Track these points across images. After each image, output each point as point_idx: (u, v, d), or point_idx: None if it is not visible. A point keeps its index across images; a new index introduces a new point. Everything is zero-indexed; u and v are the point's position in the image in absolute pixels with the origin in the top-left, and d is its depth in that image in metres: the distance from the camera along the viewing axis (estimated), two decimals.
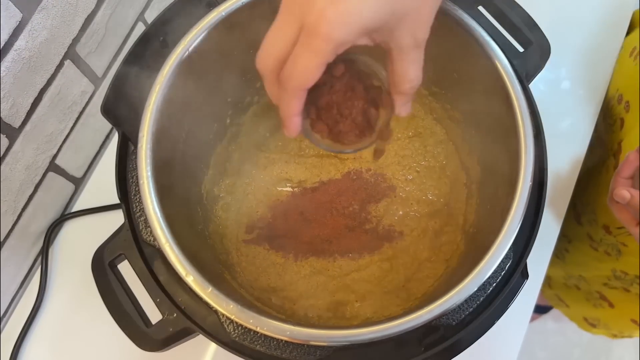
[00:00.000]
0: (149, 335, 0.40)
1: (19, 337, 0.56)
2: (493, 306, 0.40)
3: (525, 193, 0.40)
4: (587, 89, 0.68)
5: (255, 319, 0.38)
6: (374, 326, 0.37)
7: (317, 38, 0.29)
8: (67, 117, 0.57)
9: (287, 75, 0.32)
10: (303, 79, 0.31)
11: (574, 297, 0.89)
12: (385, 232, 0.56)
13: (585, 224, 0.70)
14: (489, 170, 0.50)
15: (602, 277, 0.73)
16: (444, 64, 0.51)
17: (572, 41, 0.70)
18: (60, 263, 0.60)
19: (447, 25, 0.45)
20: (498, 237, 0.39)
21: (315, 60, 0.30)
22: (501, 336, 0.56)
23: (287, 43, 0.31)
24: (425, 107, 0.59)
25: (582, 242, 0.72)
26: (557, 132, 0.65)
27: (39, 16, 0.47)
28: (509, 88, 0.42)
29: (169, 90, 0.43)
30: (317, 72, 0.31)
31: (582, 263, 0.75)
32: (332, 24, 0.29)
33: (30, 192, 0.55)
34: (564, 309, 0.99)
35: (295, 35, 0.31)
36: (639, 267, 0.63)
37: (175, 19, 0.47)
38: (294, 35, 0.31)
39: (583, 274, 0.78)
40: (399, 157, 0.59)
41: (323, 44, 0.30)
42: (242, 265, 0.54)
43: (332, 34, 0.29)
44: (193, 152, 0.51)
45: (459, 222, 0.54)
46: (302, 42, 0.30)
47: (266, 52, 0.33)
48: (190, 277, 0.38)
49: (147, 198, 0.40)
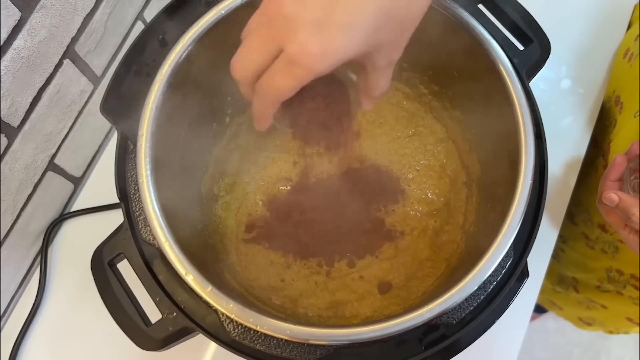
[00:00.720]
0: (149, 335, 0.40)
1: (18, 336, 0.56)
2: (493, 305, 0.40)
3: (525, 192, 0.40)
4: (587, 87, 0.67)
5: (255, 318, 0.37)
6: (374, 325, 0.37)
7: (298, 67, 0.30)
8: (66, 117, 0.57)
9: (264, 89, 0.32)
10: (279, 95, 0.31)
11: (566, 301, 0.89)
12: (386, 231, 0.56)
13: (580, 223, 0.70)
14: (489, 169, 0.50)
15: (595, 280, 0.73)
16: (444, 62, 0.51)
17: (572, 39, 0.70)
18: (60, 262, 0.60)
19: (447, 24, 0.45)
20: (498, 236, 0.39)
21: (293, 83, 0.30)
22: (501, 335, 0.56)
23: (264, 61, 0.31)
24: (425, 106, 0.58)
25: (578, 241, 0.72)
26: (557, 131, 0.65)
27: (38, 15, 0.47)
28: (509, 86, 0.42)
29: (168, 89, 0.43)
30: (293, 91, 0.31)
31: (578, 263, 0.75)
32: (314, 58, 0.29)
33: (29, 191, 0.55)
34: (557, 311, 0.99)
35: (273, 55, 0.31)
36: (636, 265, 0.63)
37: (174, 17, 0.47)
38: (272, 55, 0.31)
39: (577, 275, 0.78)
40: (399, 156, 0.59)
41: (303, 73, 0.30)
42: (242, 265, 0.54)
43: (313, 66, 0.29)
44: (192, 151, 0.51)
45: (459, 221, 0.54)
46: (281, 65, 0.30)
47: (242, 65, 0.32)
48: (190, 276, 0.38)
49: (147, 197, 0.39)
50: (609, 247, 0.66)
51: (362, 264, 0.55)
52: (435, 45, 0.49)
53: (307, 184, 0.58)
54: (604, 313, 0.80)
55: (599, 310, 0.80)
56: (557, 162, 0.63)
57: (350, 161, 0.59)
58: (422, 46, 0.51)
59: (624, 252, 0.64)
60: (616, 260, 0.66)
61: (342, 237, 0.56)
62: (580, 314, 0.90)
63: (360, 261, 0.55)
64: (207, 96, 0.50)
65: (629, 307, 0.71)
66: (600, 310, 0.80)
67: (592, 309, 0.81)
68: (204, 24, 0.44)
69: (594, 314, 0.84)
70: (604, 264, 0.69)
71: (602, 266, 0.70)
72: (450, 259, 0.52)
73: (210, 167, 0.55)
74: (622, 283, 0.68)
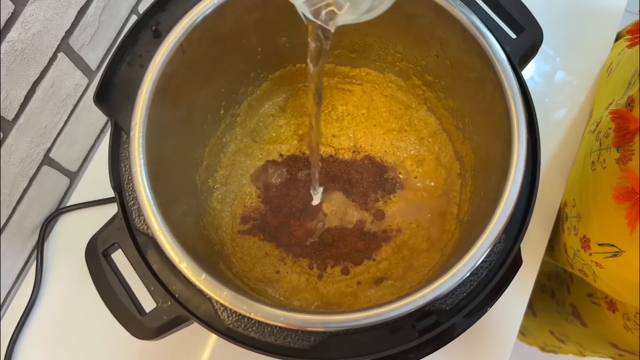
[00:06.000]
0: (143, 324, 0.40)
1: (15, 330, 0.56)
2: (486, 291, 0.40)
3: (518, 178, 0.40)
4: (581, 78, 0.68)
5: (248, 305, 0.37)
6: (368, 311, 0.37)
7: None
8: (61, 110, 0.57)
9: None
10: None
11: (545, 305, 0.81)
12: (381, 232, 0.56)
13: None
14: (482, 158, 0.50)
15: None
16: (437, 52, 0.51)
17: (567, 31, 0.70)
18: (56, 257, 0.60)
19: (439, 12, 0.45)
20: (490, 222, 0.39)
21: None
22: (497, 324, 0.56)
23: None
24: (419, 98, 0.59)
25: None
26: (553, 122, 0.65)
27: (32, 8, 0.47)
28: (500, 74, 0.42)
29: (162, 79, 0.43)
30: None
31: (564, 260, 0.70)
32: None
33: (24, 185, 0.55)
34: (521, 338, 0.94)
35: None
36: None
37: (167, 8, 0.47)
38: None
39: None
40: (394, 148, 0.59)
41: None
42: (237, 256, 0.54)
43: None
44: (187, 142, 0.51)
45: (453, 211, 0.54)
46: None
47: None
48: (184, 264, 0.38)
49: (140, 185, 0.40)
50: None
51: (358, 272, 0.54)
52: (428, 34, 0.49)
53: (302, 176, 0.58)
54: (582, 332, 0.71)
55: (576, 327, 0.72)
56: (552, 153, 0.64)
57: (346, 153, 0.59)
58: (415, 36, 0.51)
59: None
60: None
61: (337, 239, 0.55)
62: (554, 327, 0.81)
63: (356, 270, 0.54)
64: (201, 88, 0.50)
65: (618, 332, 0.61)
66: (578, 328, 0.71)
67: (570, 323, 0.73)
68: (197, 14, 0.44)
69: (568, 331, 0.76)
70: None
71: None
72: (444, 249, 0.52)
73: (205, 159, 0.55)
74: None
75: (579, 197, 0.55)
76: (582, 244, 0.53)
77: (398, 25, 0.51)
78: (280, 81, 0.59)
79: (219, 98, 0.54)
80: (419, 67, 0.55)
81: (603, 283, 0.54)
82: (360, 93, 0.61)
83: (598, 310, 0.63)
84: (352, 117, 0.60)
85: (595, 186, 0.50)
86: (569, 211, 0.58)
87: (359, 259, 0.55)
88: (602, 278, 0.53)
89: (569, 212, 0.58)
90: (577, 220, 0.55)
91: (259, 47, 0.54)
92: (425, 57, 0.53)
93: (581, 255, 0.54)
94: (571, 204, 0.57)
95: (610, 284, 0.53)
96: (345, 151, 0.59)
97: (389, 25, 0.52)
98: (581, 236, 0.53)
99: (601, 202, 0.49)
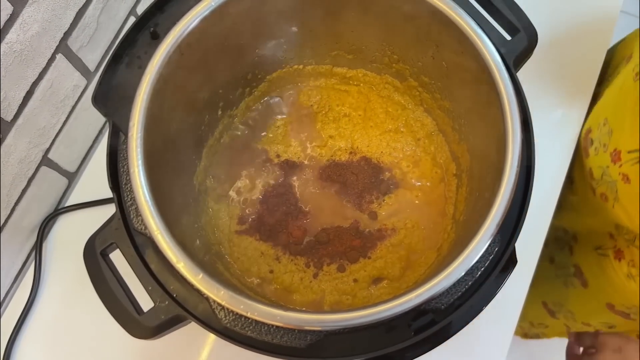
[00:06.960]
0: (141, 323, 0.40)
1: (13, 330, 0.56)
2: (482, 290, 0.40)
3: (512, 177, 0.40)
4: (577, 80, 0.68)
5: (245, 304, 0.38)
6: (364, 310, 0.38)
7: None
8: (59, 111, 0.57)
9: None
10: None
11: (541, 273, 0.75)
12: (376, 231, 0.56)
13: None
14: (478, 158, 0.50)
15: (605, 228, 0.64)
16: (432, 53, 0.51)
17: (563, 33, 0.70)
18: (54, 257, 0.61)
19: (434, 14, 0.46)
20: (485, 221, 0.39)
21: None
22: (493, 324, 0.56)
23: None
24: (416, 99, 0.59)
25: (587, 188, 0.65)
26: (549, 124, 0.66)
27: (30, 9, 0.48)
28: (495, 75, 0.43)
29: (160, 81, 0.43)
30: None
31: (590, 208, 0.66)
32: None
33: (23, 186, 0.55)
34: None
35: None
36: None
37: (165, 10, 0.47)
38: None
39: (582, 227, 0.70)
40: (391, 149, 0.59)
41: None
42: (235, 256, 0.54)
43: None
44: (184, 143, 0.52)
45: (449, 211, 0.55)
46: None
47: None
48: (181, 263, 0.39)
49: (138, 186, 0.40)
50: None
51: (354, 269, 0.55)
52: (424, 36, 0.50)
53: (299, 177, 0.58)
54: (580, 294, 0.71)
55: (575, 290, 0.72)
56: (549, 154, 0.64)
57: (342, 154, 0.59)
58: (411, 38, 0.52)
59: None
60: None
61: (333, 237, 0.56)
62: (548, 296, 0.80)
63: (352, 267, 0.55)
64: (199, 88, 0.51)
65: (620, 284, 0.62)
66: (577, 290, 0.72)
67: (569, 286, 0.73)
68: (195, 16, 0.45)
69: (564, 297, 0.76)
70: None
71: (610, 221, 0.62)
72: (441, 249, 0.52)
73: (203, 160, 0.55)
74: (633, 234, 0.61)
75: (613, 113, 0.58)
76: (612, 157, 0.55)
77: (394, 27, 0.51)
78: (277, 82, 0.60)
79: (216, 99, 0.54)
80: (416, 69, 0.55)
81: (621, 208, 0.55)
82: (357, 94, 0.61)
83: (604, 262, 0.64)
84: (349, 118, 0.61)
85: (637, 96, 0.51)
86: (596, 134, 0.60)
87: (354, 256, 0.55)
88: (623, 199, 0.54)
89: (595, 135, 0.61)
90: (608, 136, 0.57)
91: (256, 48, 0.54)
92: (422, 58, 0.53)
93: (609, 171, 0.56)
94: (602, 123, 0.59)
95: (628, 208, 0.54)
96: (342, 152, 0.59)
97: (386, 27, 0.52)
98: (612, 150, 0.55)
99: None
